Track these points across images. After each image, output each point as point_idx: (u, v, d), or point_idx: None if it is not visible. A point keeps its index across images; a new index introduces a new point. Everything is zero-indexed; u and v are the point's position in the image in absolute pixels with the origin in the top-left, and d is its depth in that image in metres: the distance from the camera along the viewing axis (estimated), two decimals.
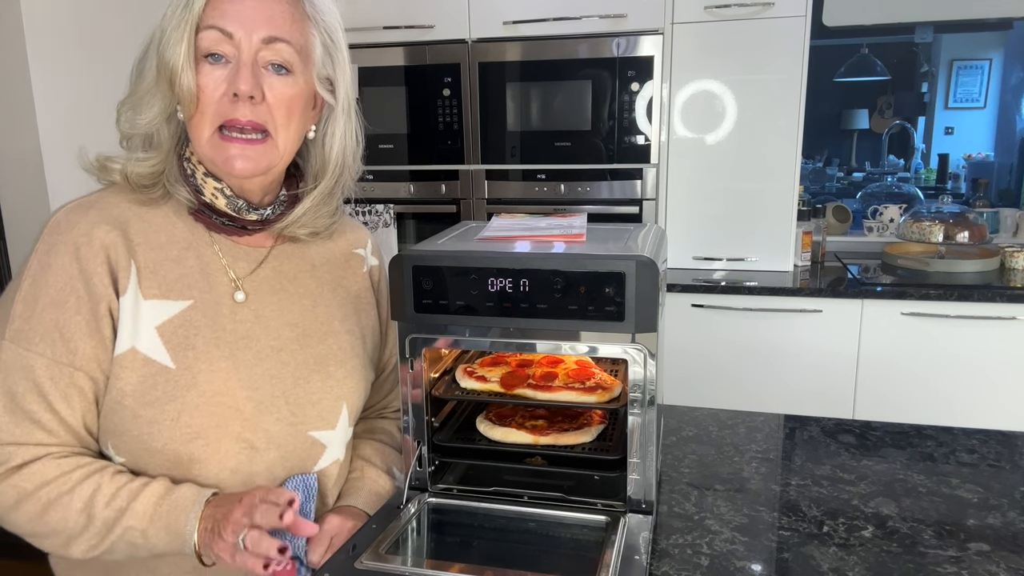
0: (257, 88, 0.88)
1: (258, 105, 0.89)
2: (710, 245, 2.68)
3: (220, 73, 0.88)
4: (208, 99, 0.88)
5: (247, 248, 0.99)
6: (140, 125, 0.92)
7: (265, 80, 0.89)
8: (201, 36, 0.87)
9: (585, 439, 1.06)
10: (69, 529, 0.86)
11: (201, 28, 0.87)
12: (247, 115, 0.89)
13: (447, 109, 2.69)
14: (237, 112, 0.88)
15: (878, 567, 0.92)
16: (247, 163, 0.91)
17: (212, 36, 0.87)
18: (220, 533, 0.83)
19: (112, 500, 0.86)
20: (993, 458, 1.23)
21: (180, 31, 0.86)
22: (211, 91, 0.88)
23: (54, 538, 0.87)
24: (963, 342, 2.33)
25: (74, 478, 0.86)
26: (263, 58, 0.89)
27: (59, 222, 0.90)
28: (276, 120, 0.91)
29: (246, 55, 0.88)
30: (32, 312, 0.87)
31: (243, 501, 0.84)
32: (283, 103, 0.91)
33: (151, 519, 0.86)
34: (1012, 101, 4.81)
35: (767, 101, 2.53)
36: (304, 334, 1.00)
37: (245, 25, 0.87)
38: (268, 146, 0.92)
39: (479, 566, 0.91)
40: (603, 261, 0.92)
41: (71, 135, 2.24)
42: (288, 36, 0.90)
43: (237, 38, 0.87)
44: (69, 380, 0.87)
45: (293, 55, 0.90)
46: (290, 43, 0.90)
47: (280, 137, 0.92)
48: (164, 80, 0.88)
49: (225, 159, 0.90)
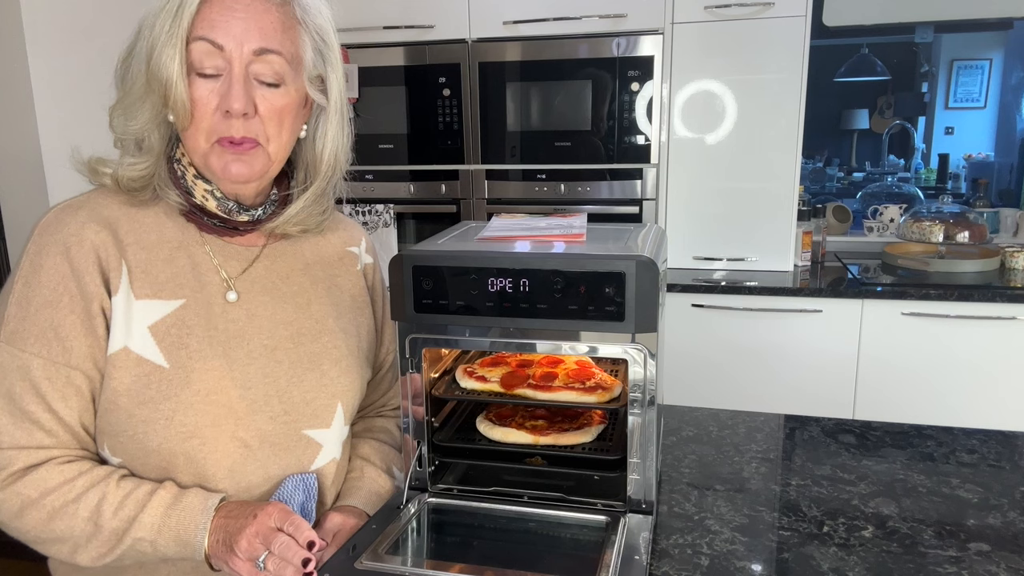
0: (250, 104, 0.88)
1: (251, 119, 0.89)
2: (710, 245, 2.68)
3: (212, 86, 0.88)
4: (202, 113, 0.88)
5: (239, 247, 0.99)
6: (131, 130, 0.92)
7: (257, 92, 0.89)
8: (191, 48, 0.87)
9: (585, 439, 1.06)
10: (76, 537, 0.86)
11: (191, 40, 0.86)
12: (240, 132, 0.89)
13: (447, 109, 2.69)
14: (231, 130, 0.89)
15: (878, 567, 0.92)
16: (243, 167, 0.91)
17: (202, 48, 0.87)
18: (233, 548, 0.83)
19: (119, 510, 0.86)
20: (993, 458, 1.23)
21: (172, 46, 0.85)
22: (204, 105, 0.88)
23: (60, 545, 0.87)
24: (963, 342, 2.33)
25: (78, 486, 0.86)
26: (254, 71, 0.89)
27: (49, 223, 0.90)
28: (268, 131, 0.91)
29: (237, 68, 0.87)
30: (26, 313, 0.87)
31: (258, 519, 0.84)
32: (275, 114, 0.91)
33: (159, 530, 0.86)
34: (1012, 101, 4.81)
35: (767, 101, 2.52)
36: (298, 333, 1.00)
37: (236, 37, 0.87)
38: (262, 152, 0.92)
39: (479, 566, 0.91)
40: (603, 261, 0.92)
41: (71, 135, 2.23)
42: (279, 47, 0.89)
43: (228, 50, 0.87)
44: (66, 379, 0.87)
45: (284, 66, 0.90)
46: (281, 54, 0.89)
47: (272, 146, 0.93)
48: (156, 94, 0.88)
49: (222, 167, 0.91)
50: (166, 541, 0.86)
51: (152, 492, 0.88)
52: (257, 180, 0.95)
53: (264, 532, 0.83)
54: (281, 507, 0.87)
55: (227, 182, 0.94)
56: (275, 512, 0.85)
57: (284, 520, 0.85)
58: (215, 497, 0.88)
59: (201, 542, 0.86)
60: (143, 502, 0.87)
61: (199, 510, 0.87)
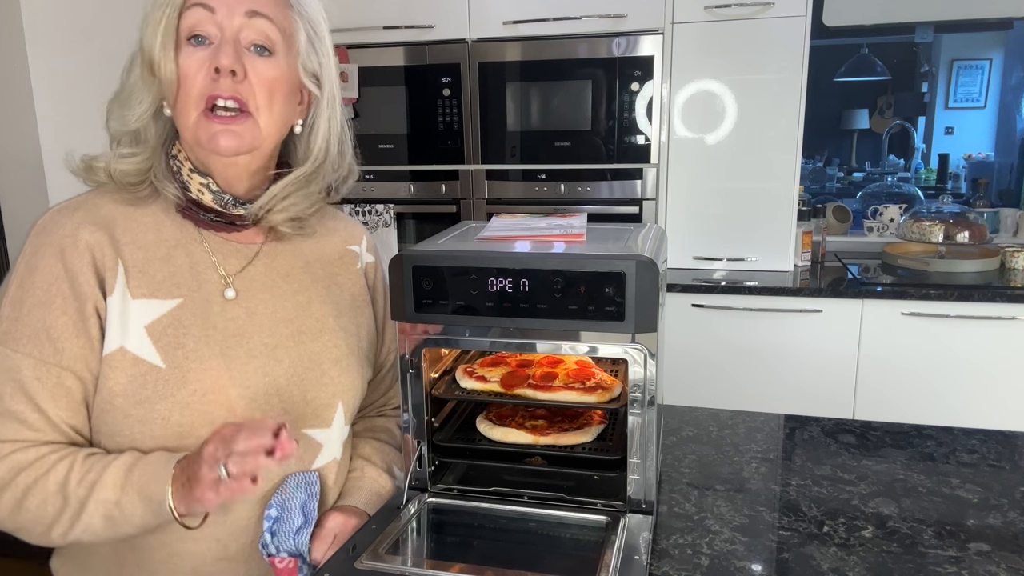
0: (239, 64, 0.89)
1: (240, 83, 0.90)
2: (710, 245, 2.68)
3: (202, 54, 0.89)
4: (191, 81, 0.89)
5: (237, 245, 0.99)
6: (129, 121, 0.92)
7: (247, 60, 0.90)
8: (184, 16, 0.89)
9: (585, 439, 1.06)
10: (49, 515, 0.84)
11: (184, 8, 0.89)
12: (228, 90, 0.89)
13: (447, 109, 2.69)
14: (219, 87, 0.89)
15: (878, 567, 0.92)
16: (231, 139, 0.90)
17: (195, 14, 0.89)
18: (195, 476, 0.80)
19: (84, 477, 0.85)
20: (993, 458, 1.23)
21: (159, 14, 0.88)
22: (193, 72, 0.89)
23: (37, 526, 0.86)
24: (963, 342, 2.33)
25: (49, 461, 0.85)
26: (245, 37, 0.90)
27: (45, 224, 0.90)
28: (258, 99, 0.91)
29: (228, 33, 0.89)
30: (19, 313, 0.87)
31: (212, 438, 0.81)
32: (265, 83, 0.91)
33: (123, 487, 0.84)
34: (1012, 101, 4.81)
35: (767, 101, 2.52)
36: (298, 331, 1.00)
37: (227, 3, 0.89)
38: (251, 123, 0.92)
39: (479, 566, 0.91)
40: (603, 261, 0.92)
41: (71, 135, 2.24)
42: (271, 14, 0.91)
43: (219, 14, 0.89)
44: (56, 380, 0.86)
45: (276, 33, 0.91)
46: (272, 20, 0.91)
47: (262, 117, 0.92)
48: (146, 68, 0.89)
49: (210, 137, 0.90)
50: (130, 499, 0.84)
51: (116, 457, 0.86)
52: (247, 153, 0.94)
53: (223, 435, 0.79)
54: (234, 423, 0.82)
55: (217, 155, 0.93)
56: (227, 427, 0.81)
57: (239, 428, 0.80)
58: (178, 454, 0.86)
59: (165, 494, 0.83)
60: (107, 464, 0.85)
61: (161, 464, 0.85)
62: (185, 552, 0.93)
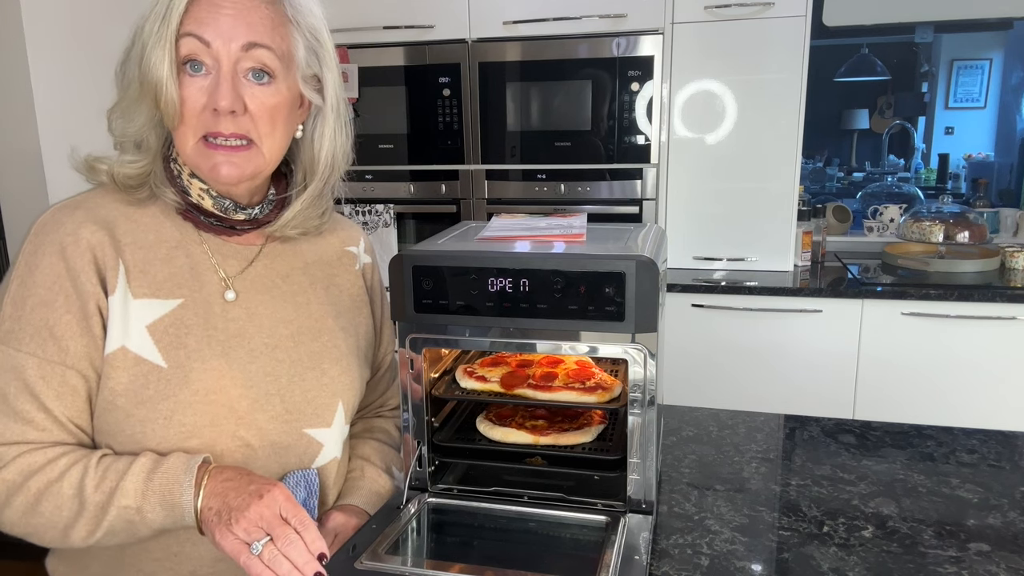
0: (238, 101, 0.87)
1: (240, 117, 0.88)
2: (710, 245, 2.68)
3: (201, 83, 0.87)
4: (190, 111, 0.88)
5: (237, 246, 0.99)
6: (130, 132, 0.92)
7: (246, 91, 0.88)
8: (180, 44, 0.86)
9: (585, 439, 1.06)
10: (64, 518, 0.84)
11: (180, 36, 0.86)
12: (230, 128, 0.88)
13: (447, 109, 2.69)
14: (220, 126, 0.88)
15: (878, 567, 0.92)
16: (233, 169, 0.90)
17: (190, 44, 0.86)
18: (230, 526, 0.80)
19: (101, 482, 0.84)
20: (993, 458, 1.23)
21: (161, 48, 0.85)
22: (192, 103, 0.87)
23: (51, 530, 0.85)
24: (963, 342, 2.33)
25: (61, 465, 0.85)
26: (243, 67, 0.88)
27: (45, 223, 0.90)
28: (260, 130, 0.90)
29: (225, 65, 0.87)
30: (21, 312, 0.86)
31: (263, 500, 0.81)
32: (266, 112, 0.90)
33: (143, 495, 0.84)
34: (1012, 101, 4.81)
35: (767, 101, 2.52)
36: (298, 332, 1.00)
37: (223, 34, 0.86)
38: (253, 152, 0.91)
39: (479, 566, 0.91)
40: (603, 261, 0.92)
41: (71, 135, 2.24)
42: (269, 42, 0.88)
43: (215, 47, 0.86)
44: (61, 379, 0.86)
45: (274, 60, 0.89)
46: (271, 48, 0.89)
47: (265, 145, 0.92)
48: (148, 96, 0.87)
49: (211, 167, 0.90)
50: (151, 506, 0.84)
51: (132, 461, 0.86)
52: (248, 181, 0.94)
53: (269, 519, 0.80)
54: (287, 495, 0.84)
55: (217, 183, 0.93)
56: (282, 499, 0.82)
57: (291, 512, 0.82)
58: (197, 457, 0.86)
59: (188, 503, 0.83)
60: (123, 471, 0.85)
61: (181, 470, 0.84)
62: (184, 553, 0.93)
